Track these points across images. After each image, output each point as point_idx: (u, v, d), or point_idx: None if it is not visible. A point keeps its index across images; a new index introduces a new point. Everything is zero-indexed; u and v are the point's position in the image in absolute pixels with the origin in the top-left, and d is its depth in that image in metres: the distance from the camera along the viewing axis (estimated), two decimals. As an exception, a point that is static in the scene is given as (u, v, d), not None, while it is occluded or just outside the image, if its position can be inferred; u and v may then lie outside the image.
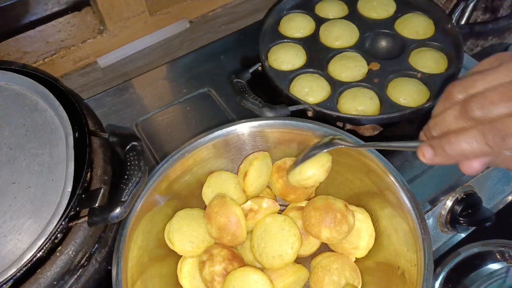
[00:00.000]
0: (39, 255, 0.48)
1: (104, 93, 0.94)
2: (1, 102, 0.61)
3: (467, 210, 0.78)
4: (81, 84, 0.98)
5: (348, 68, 0.85)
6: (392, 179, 0.60)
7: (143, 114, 0.90)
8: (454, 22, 0.89)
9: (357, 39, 0.90)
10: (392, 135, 0.83)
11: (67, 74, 0.96)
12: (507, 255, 0.78)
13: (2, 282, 0.46)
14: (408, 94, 0.80)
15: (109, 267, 0.57)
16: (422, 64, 0.84)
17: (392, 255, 0.61)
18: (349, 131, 0.68)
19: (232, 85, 0.80)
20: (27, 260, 0.47)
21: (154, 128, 0.88)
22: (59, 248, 0.51)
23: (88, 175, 0.56)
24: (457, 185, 0.79)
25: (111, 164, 0.61)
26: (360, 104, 0.79)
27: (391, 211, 0.62)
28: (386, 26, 0.92)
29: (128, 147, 0.58)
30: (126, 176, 0.55)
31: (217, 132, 0.66)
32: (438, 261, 0.78)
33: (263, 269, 0.63)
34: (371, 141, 0.79)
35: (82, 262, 0.54)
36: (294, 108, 0.76)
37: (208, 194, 0.70)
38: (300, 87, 0.82)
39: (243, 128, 0.67)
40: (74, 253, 0.52)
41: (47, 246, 0.49)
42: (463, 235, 0.85)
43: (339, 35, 0.90)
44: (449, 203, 0.79)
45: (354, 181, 0.67)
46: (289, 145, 0.70)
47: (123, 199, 0.53)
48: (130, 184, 0.54)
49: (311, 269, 0.66)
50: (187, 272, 0.66)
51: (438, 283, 0.77)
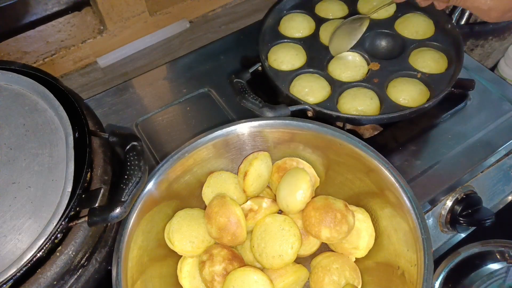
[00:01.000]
0: (39, 255, 0.48)
1: (104, 93, 0.94)
2: (1, 102, 0.61)
3: (467, 210, 0.78)
4: (81, 84, 0.98)
5: (348, 68, 0.85)
6: (392, 179, 0.60)
7: (143, 114, 0.90)
8: (454, 22, 0.89)
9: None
10: (392, 135, 0.83)
11: (67, 74, 0.96)
12: (507, 255, 0.78)
13: (2, 282, 0.46)
14: (408, 94, 0.80)
15: (109, 267, 0.57)
16: (422, 64, 0.84)
17: (392, 255, 0.61)
18: (349, 131, 0.68)
19: (232, 85, 0.80)
20: (27, 260, 0.47)
21: (154, 128, 0.88)
22: (59, 248, 0.51)
23: (88, 175, 0.56)
24: (457, 185, 0.79)
25: (111, 164, 0.61)
26: (360, 104, 0.79)
27: (391, 211, 0.62)
28: (386, 26, 0.92)
29: (128, 147, 0.58)
30: (126, 176, 0.55)
31: (217, 132, 0.66)
32: (438, 261, 0.79)
33: (263, 269, 0.63)
34: (371, 141, 0.79)
35: (82, 262, 0.54)
36: (294, 108, 0.76)
37: (208, 194, 0.70)
38: (300, 87, 0.82)
39: (243, 128, 0.67)
40: (74, 253, 0.52)
41: (47, 246, 0.49)
42: (463, 235, 0.85)
43: (339, 35, 0.90)
44: (449, 203, 0.79)
45: (354, 181, 0.67)
46: (289, 145, 0.70)
47: (123, 199, 0.53)
48: (130, 184, 0.54)
49: (311, 269, 0.66)
50: (187, 272, 0.66)
51: (438, 283, 0.77)
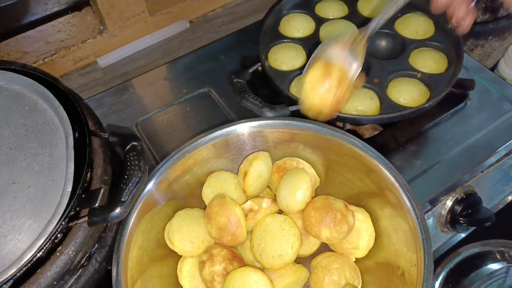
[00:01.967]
0: (39, 255, 0.48)
1: (104, 93, 0.94)
2: (1, 102, 0.61)
3: (467, 210, 0.78)
4: (81, 84, 0.98)
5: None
6: (392, 179, 0.60)
7: (143, 114, 0.90)
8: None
9: (357, 39, 0.90)
10: (392, 135, 0.83)
11: (67, 74, 0.96)
12: (507, 255, 0.78)
13: (2, 282, 0.46)
14: (408, 94, 0.80)
15: (109, 267, 0.57)
16: (422, 64, 0.84)
17: (392, 255, 0.61)
18: (349, 131, 0.68)
19: (232, 85, 0.80)
20: (27, 260, 0.47)
21: (154, 128, 0.88)
22: (59, 248, 0.51)
23: (88, 175, 0.56)
24: (457, 185, 0.79)
25: (111, 164, 0.61)
26: (360, 104, 0.79)
27: (391, 211, 0.62)
28: (386, 26, 0.92)
29: (128, 147, 0.58)
30: (126, 176, 0.55)
31: (217, 132, 0.66)
32: (438, 261, 0.78)
33: (263, 269, 0.63)
34: (371, 141, 0.79)
35: (82, 262, 0.54)
36: (294, 108, 0.76)
37: (208, 194, 0.70)
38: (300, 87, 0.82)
39: (243, 128, 0.67)
40: (74, 253, 0.52)
41: (47, 246, 0.49)
42: (463, 235, 0.85)
43: (339, 35, 0.90)
44: (449, 203, 0.79)
45: (354, 181, 0.67)
46: (289, 145, 0.70)
47: (123, 199, 0.53)
48: (130, 184, 0.54)
49: (311, 269, 0.66)
50: (187, 272, 0.66)
51: (438, 283, 0.77)
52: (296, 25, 0.93)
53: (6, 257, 0.48)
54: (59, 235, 0.51)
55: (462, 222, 0.78)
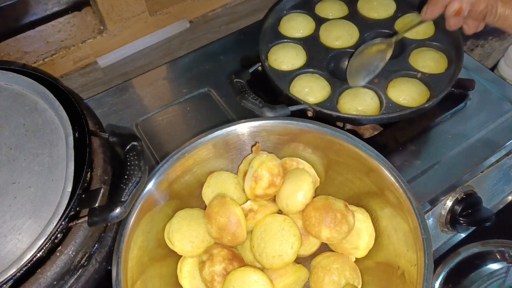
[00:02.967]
0: (39, 255, 0.48)
1: (104, 93, 0.94)
2: (1, 102, 0.61)
3: (467, 210, 0.78)
4: (81, 84, 0.98)
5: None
6: (392, 179, 0.60)
7: (143, 114, 0.90)
8: (454, 22, 0.89)
9: (357, 39, 0.90)
10: (392, 135, 0.83)
11: (67, 74, 0.96)
12: (507, 255, 0.78)
13: (2, 282, 0.46)
14: (408, 94, 0.80)
15: (109, 267, 0.57)
16: (422, 64, 0.84)
17: (392, 255, 0.61)
18: (349, 131, 0.68)
19: (232, 85, 0.80)
20: (27, 260, 0.47)
21: (154, 128, 0.88)
22: (59, 248, 0.51)
23: (88, 175, 0.56)
24: (457, 185, 0.79)
25: (111, 164, 0.61)
26: (360, 104, 0.79)
27: (391, 211, 0.62)
28: (386, 26, 0.92)
29: (128, 147, 0.58)
30: (126, 176, 0.55)
31: (217, 132, 0.66)
32: (438, 261, 0.78)
33: (263, 269, 0.63)
34: (371, 141, 0.79)
35: (82, 262, 0.54)
36: (294, 108, 0.76)
37: (208, 194, 0.70)
38: (300, 87, 0.82)
39: (243, 128, 0.67)
40: (74, 253, 0.52)
41: (47, 246, 0.49)
42: (463, 235, 0.85)
43: (339, 35, 0.90)
44: (449, 203, 0.79)
45: (354, 181, 0.67)
46: (289, 145, 0.70)
47: (123, 199, 0.53)
48: (130, 184, 0.54)
49: (311, 269, 0.66)
50: (187, 272, 0.66)
51: (438, 283, 0.77)
52: (296, 25, 0.93)
53: (6, 257, 0.48)
54: (59, 235, 0.51)
55: (462, 222, 0.78)
